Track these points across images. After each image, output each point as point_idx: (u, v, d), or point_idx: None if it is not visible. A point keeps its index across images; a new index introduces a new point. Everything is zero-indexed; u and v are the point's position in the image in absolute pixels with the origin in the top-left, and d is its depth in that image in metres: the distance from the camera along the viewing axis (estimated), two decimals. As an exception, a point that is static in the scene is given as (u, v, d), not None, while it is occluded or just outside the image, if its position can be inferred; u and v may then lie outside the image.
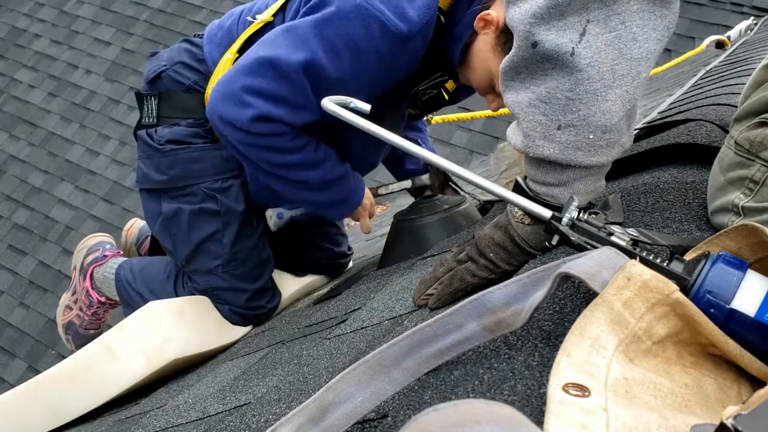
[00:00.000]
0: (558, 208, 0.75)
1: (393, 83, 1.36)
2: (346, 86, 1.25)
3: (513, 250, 0.80)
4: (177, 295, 1.60)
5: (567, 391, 0.42)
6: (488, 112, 2.83)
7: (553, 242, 0.74)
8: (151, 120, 1.54)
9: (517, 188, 0.79)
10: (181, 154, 1.51)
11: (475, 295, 0.59)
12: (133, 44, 5.41)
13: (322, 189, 1.42)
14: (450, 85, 1.52)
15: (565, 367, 0.44)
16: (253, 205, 1.59)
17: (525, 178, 0.79)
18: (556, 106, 0.71)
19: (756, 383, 0.49)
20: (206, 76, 1.50)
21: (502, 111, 1.62)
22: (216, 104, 1.32)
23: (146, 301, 1.51)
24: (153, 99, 1.53)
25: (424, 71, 1.39)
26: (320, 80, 1.26)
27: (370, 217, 1.55)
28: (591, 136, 0.71)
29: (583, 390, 0.42)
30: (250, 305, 1.58)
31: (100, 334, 1.69)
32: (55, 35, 5.67)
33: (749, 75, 1.33)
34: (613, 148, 0.73)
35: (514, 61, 0.73)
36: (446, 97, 1.54)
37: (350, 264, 1.89)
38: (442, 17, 1.29)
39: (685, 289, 0.55)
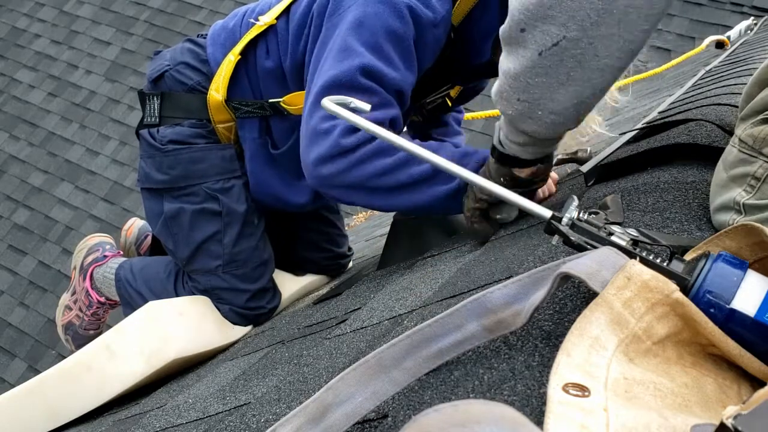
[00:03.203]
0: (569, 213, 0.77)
1: (426, 67, 1.34)
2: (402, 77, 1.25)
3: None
4: (177, 295, 1.60)
5: (567, 391, 0.42)
6: (487, 113, 2.83)
7: (554, 242, 0.74)
8: (153, 119, 1.54)
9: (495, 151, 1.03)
10: (182, 154, 1.51)
11: (476, 295, 0.59)
12: (133, 44, 5.41)
13: (427, 181, 1.22)
14: (453, 92, 1.52)
15: (564, 367, 0.44)
16: (256, 204, 1.59)
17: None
18: (519, 84, 0.86)
19: (756, 383, 0.49)
20: (209, 77, 1.50)
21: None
22: (308, 158, 1.22)
23: (146, 301, 1.50)
24: (155, 98, 1.53)
25: (438, 76, 1.39)
26: (383, 82, 1.23)
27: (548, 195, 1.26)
28: (539, 113, 0.88)
29: (583, 390, 0.42)
30: (250, 305, 1.58)
31: (99, 334, 1.69)
32: (55, 35, 5.67)
33: (749, 75, 1.32)
34: (557, 126, 0.89)
35: (505, 32, 0.86)
36: (449, 104, 1.56)
37: (350, 264, 1.89)
38: (452, 33, 1.30)
39: (685, 289, 0.55)
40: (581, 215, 0.70)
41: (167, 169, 1.52)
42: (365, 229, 3.29)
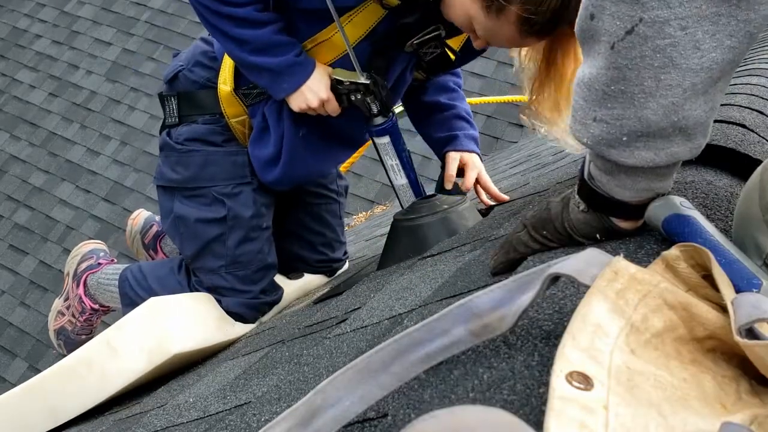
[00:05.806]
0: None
1: None
2: None
3: (563, 234, 0.79)
4: (190, 288, 1.63)
5: (570, 382, 0.42)
6: (501, 98, 2.70)
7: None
8: (173, 120, 1.57)
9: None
10: (195, 156, 1.54)
11: (462, 300, 0.59)
12: (134, 45, 5.42)
13: (258, 53, 1.35)
14: (455, 43, 1.49)
15: (570, 350, 0.45)
16: (274, 191, 1.60)
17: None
18: (594, 96, 0.64)
19: (755, 381, 0.50)
20: (218, 72, 1.52)
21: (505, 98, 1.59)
22: None
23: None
24: (173, 99, 1.57)
25: (414, 17, 1.34)
26: None
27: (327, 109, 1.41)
28: (624, 139, 0.64)
29: (586, 381, 0.42)
30: (250, 303, 1.60)
31: (92, 338, 1.69)
32: (56, 36, 5.68)
33: (749, 75, 1.32)
34: (653, 151, 0.64)
35: (577, 26, 0.65)
36: (452, 57, 1.51)
37: (346, 266, 1.90)
38: None
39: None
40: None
41: (180, 168, 1.56)
42: (365, 229, 3.29)
